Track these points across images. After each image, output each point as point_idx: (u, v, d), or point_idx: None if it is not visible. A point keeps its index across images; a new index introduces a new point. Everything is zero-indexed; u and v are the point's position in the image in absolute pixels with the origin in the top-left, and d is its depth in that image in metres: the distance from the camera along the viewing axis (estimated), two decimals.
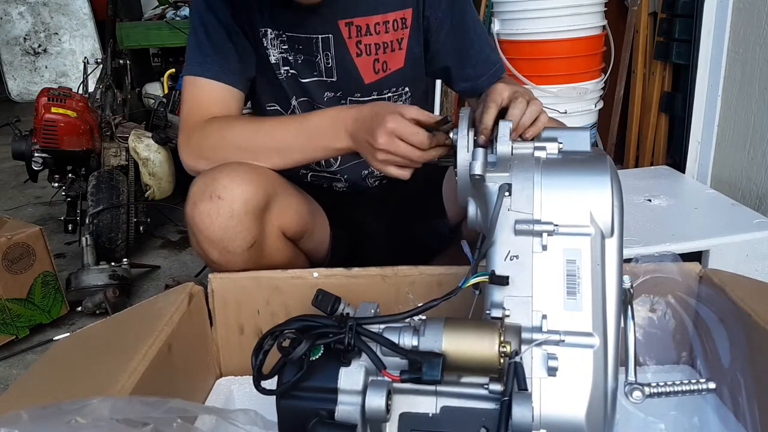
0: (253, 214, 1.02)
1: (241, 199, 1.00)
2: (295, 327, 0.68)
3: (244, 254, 1.03)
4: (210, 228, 1.00)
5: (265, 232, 1.06)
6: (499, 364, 0.62)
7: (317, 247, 1.26)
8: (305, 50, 1.19)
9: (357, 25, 1.17)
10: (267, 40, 1.18)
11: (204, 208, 1.00)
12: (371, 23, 1.17)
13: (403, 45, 1.21)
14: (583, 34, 2.01)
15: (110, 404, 0.60)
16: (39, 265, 1.65)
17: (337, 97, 1.24)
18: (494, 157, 0.77)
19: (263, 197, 1.04)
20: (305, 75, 1.21)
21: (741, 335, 0.86)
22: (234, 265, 1.05)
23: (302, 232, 1.17)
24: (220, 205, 1.00)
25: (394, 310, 0.76)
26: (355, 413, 0.65)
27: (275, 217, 1.08)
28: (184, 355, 0.93)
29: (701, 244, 1.40)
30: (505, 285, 0.69)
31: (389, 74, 1.23)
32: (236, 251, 1.03)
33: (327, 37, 1.17)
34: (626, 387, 0.70)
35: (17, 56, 4.97)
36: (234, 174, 1.02)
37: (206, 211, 1.00)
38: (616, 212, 0.72)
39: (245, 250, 1.03)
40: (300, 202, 1.18)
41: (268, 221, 1.07)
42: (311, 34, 1.17)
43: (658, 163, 2.18)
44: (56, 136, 1.92)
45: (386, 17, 1.18)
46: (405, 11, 1.19)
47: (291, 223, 1.13)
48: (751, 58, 1.74)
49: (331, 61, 1.19)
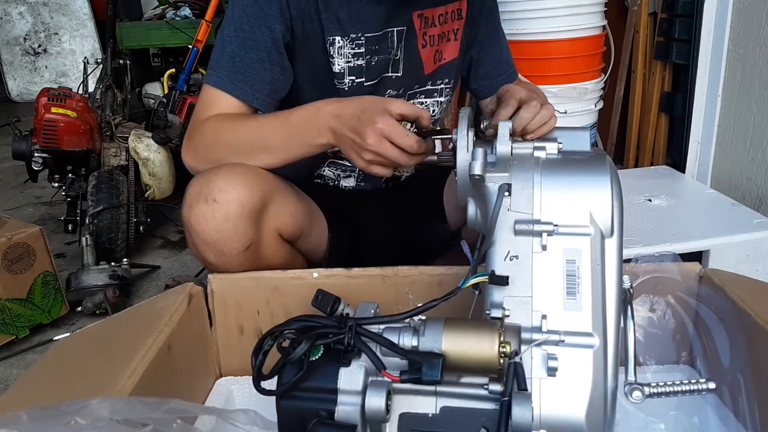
0: (248, 217, 1.02)
1: (237, 202, 1.00)
2: (295, 327, 0.68)
3: (240, 256, 1.03)
4: (206, 230, 1.00)
5: (262, 234, 1.06)
6: (498, 364, 0.62)
7: (315, 248, 1.26)
8: (380, 49, 1.17)
9: (426, 16, 1.20)
10: (334, 49, 1.14)
11: (199, 211, 1.00)
12: (435, 14, 1.21)
13: (458, 36, 1.25)
14: (583, 34, 2.01)
15: (110, 405, 0.60)
16: (39, 265, 1.65)
17: (399, 94, 1.25)
18: (494, 157, 0.77)
19: (259, 200, 1.03)
20: (373, 77, 1.19)
21: (741, 335, 0.86)
22: (230, 266, 1.04)
23: (299, 233, 1.17)
24: (215, 208, 0.99)
25: (394, 310, 0.76)
26: (355, 413, 0.65)
27: (271, 219, 1.07)
28: (183, 355, 0.93)
29: (701, 244, 1.40)
30: (504, 285, 0.69)
31: (443, 64, 1.26)
32: (232, 253, 1.02)
33: (401, 30, 1.18)
34: (626, 387, 0.70)
35: (17, 56, 4.97)
36: (230, 176, 1.01)
37: (201, 214, 1.00)
38: (616, 212, 0.72)
39: (241, 253, 1.03)
40: (296, 203, 1.16)
41: (264, 223, 1.06)
42: (387, 29, 1.17)
43: (658, 163, 2.18)
44: (56, 136, 1.92)
45: (447, 8, 1.22)
46: (461, 2, 1.23)
47: (287, 225, 1.12)
48: (751, 58, 1.74)
49: (401, 53, 1.20)
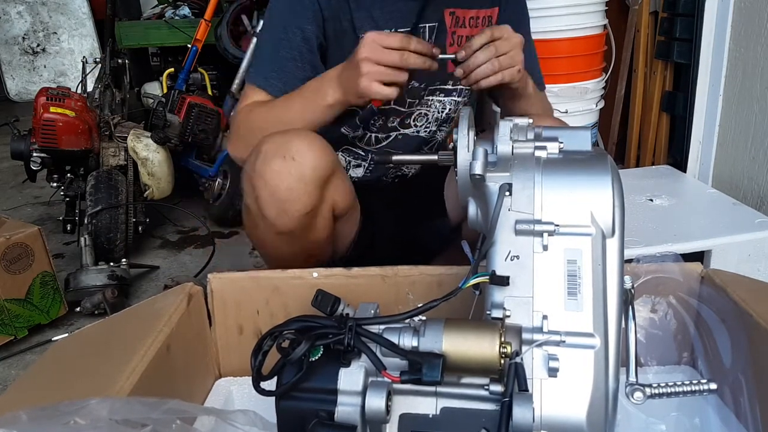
0: (318, 182, 1.06)
1: (312, 164, 1.04)
2: (295, 327, 0.68)
3: (300, 219, 1.07)
4: (279, 186, 1.04)
5: (323, 202, 1.10)
6: (499, 364, 0.62)
7: (346, 234, 1.29)
8: None
9: (457, 15, 1.24)
10: None
11: (276, 166, 1.03)
12: (467, 16, 1.25)
13: None
14: (584, 33, 2.01)
15: (109, 405, 0.60)
16: (37, 266, 1.64)
17: (419, 87, 1.28)
18: (495, 156, 0.77)
19: (329, 168, 1.08)
20: None
21: (742, 336, 0.86)
22: (286, 227, 1.08)
23: (347, 210, 1.21)
24: (292, 165, 1.03)
25: (394, 310, 0.75)
26: (355, 414, 0.65)
27: (332, 190, 1.12)
28: (183, 355, 0.93)
29: (703, 244, 1.40)
30: (505, 285, 0.69)
31: None
32: (294, 215, 1.06)
33: (433, 26, 1.23)
34: (627, 388, 0.70)
35: (16, 56, 4.97)
36: (308, 140, 1.06)
37: (278, 169, 1.03)
38: (617, 212, 0.71)
39: (302, 215, 1.06)
40: (349, 182, 1.22)
41: (327, 192, 1.10)
42: (420, 24, 1.21)
43: (659, 162, 2.18)
44: (55, 136, 1.91)
45: (479, 13, 1.27)
46: (492, 10, 1.28)
47: (343, 200, 1.17)
48: (752, 57, 1.74)
49: None
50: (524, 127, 0.80)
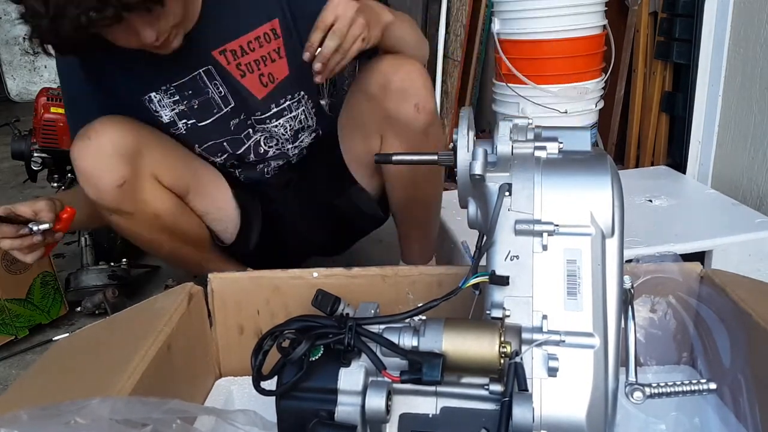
0: (120, 155, 1.16)
1: (111, 139, 1.16)
2: (295, 327, 0.68)
3: (114, 192, 1.17)
4: (83, 164, 1.17)
5: (138, 175, 1.20)
6: (499, 364, 0.62)
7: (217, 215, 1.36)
8: (195, 92, 1.24)
9: (231, 50, 1.21)
10: (154, 104, 1.25)
11: (76, 147, 1.17)
12: (243, 44, 1.22)
13: (282, 53, 1.24)
14: (583, 33, 2.01)
15: (110, 405, 0.60)
16: (38, 266, 1.64)
17: (242, 120, 1.29)
18: (494, 156, 0.77)
19: (132, 142, 1.18)
20: (206, 117, 1.27)
21: (742, 335, 0.86)
22: (107, 202, 1.19)
23: (181, 185, 1.28)
24: (88, 144, 1.16)
25: (394, 310, 0.75)
26: (355, 414, 0.65)
27: (147, 163, 1.21)
28: (183, 355, 0.93)
29: (703, 245, 1.40)
30: (505, 285, 0.69)
31: (278, 84, 1.26)
32: (106, 188, 1.17)
33: (208, 69, 1.22)
34: (627, 387, 0.70)
35: (16, 56, 4.97)
36: (109, 120, 1.18)
37: (77, 149, 1.16)
38: (617, 212, 0.72)
39: (115, 188, 1.17)
40: (179, 157, 1.29)
41: (141, 166, 1.20)
42: (192, 72, 1.22)
43: (658, 163, 2.18)
44: (56, 136, 1.91)
45: (255, 33, 1.22)
46: (271, 23, 1.22)
47: (165, 173, 1.25)
48: (752, 58, 1.74)
49: (222, 88, 1.25)
50: (524, 128, 0.80)
